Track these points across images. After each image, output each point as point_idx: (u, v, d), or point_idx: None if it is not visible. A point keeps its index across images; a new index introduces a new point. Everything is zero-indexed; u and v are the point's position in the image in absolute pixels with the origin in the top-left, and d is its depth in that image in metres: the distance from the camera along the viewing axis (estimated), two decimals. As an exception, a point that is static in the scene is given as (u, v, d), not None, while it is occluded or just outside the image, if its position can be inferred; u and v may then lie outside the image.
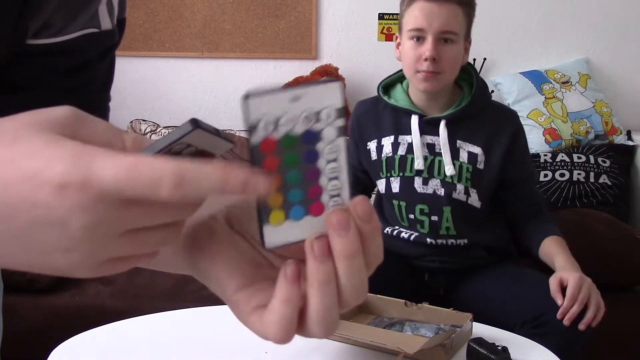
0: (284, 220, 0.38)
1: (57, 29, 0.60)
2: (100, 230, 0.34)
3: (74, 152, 0.33)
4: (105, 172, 0.32)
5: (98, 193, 0.33)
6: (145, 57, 2.89)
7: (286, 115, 0.36)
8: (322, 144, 0.37)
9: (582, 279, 1.54)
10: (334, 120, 0.37)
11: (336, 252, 0.37)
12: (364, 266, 0.38)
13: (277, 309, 0.38)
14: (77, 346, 1.31)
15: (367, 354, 1.28)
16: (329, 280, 0.37)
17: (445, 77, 1.70)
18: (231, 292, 0.41)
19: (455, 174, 1.73)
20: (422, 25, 1.66)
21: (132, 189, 0.33)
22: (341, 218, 0.37)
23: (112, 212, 0.33)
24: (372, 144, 1.83)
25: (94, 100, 0.68)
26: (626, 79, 2.90)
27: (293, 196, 0.38)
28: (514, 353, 1.22)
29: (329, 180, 0.38)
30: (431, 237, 1.77)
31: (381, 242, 0.39)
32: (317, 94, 0.36)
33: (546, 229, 1.75)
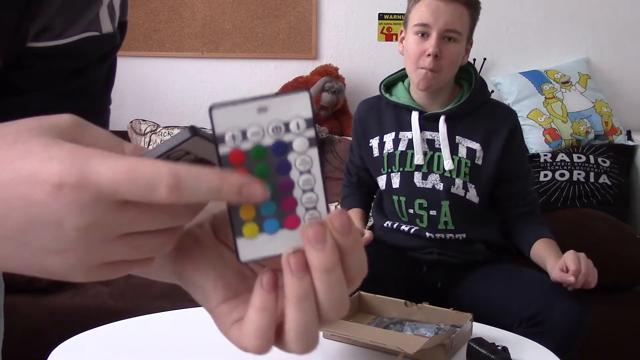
0: (258, 233, 0.37)
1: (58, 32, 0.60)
2: (95, 231, 0.33)
3: (71, 152, 0.33)
4: (102, 172, 0.32)
5: (94, 193, 0.32)
6: (145, 57, 2.89)
7: (253, 126, 0.36)
8: (293, 155, 0.37)
9: (575, 253, 1.56)
10: (304, 130, 0.36)
11: (313, 267, 0.36)
12: (344, 281, 0.37)
13: (253, 317, 0.38)
14: (77, 346, 1.31)
15: (367, 354, 1.28)
16: (307, 295, 0.36)
17: (443, 75, 1.74)
18: (214, 304, 0.40)
19: (454, 168, 1.76)
20: (428, 21, 1.70)
21: (128, 190, 0.33)
22: (317, 231, 0.36)
23: (108, 213, 0.33)
24: (374, 141, 1.87)
25: (94, 103, 0.68)
26: (626, 79, 2.90)
27: (266, 209, 0.37)
28: (513, 353, 1.22)
29: (303, 192, 0.37)
30: (430, 232, 1.79)
31: (363, 255, 0.38)
32: (285, 105, 0.36)
33: (538, 231, 1.77)
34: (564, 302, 1.55)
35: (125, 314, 1.49)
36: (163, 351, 1.30)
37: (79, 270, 0.35)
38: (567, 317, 1.52)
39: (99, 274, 0.36)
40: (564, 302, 1.55)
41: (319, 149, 0.37)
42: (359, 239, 0.37)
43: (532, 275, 1.70)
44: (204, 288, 0.41)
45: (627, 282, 2.14)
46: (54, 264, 0.35)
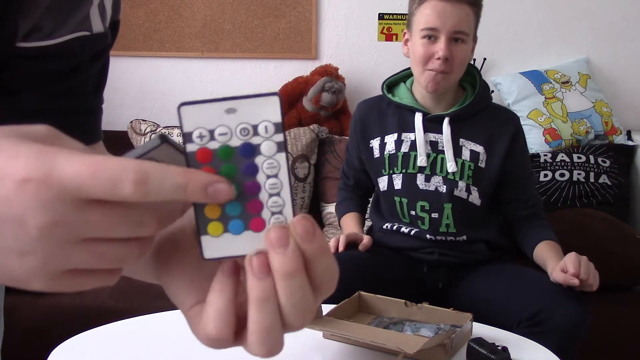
0: (223, 233, 0.38)
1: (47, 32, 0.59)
2: (58, 231, 0.33)
3: (39, 150, 0.33)
4: (67, 168, 0.32)
5: (58, 190, 0.32)
6: (145, 57, 2.89)
7: (222, 126, 0.36)
8: (260, 158, 0.37)
9: (576, 256, 1.56)
10: (272, 134, 0.37)
11: (274, 270, 0.36)
12: (307, 287, 0.37)
13: (211, 299, 0.38)
14: (77, 346, 1.31)
15: (367, 354, 1.28)
16: (267, 298, 0.36)
17: (452, 76, 1.74)
18: (187, 306, 0.41)
19: (457, 171, 1.75)
20: (436, 24, 1.69)
21: (93, 185, 0.32)
22: (279, 235, 0.36)
23: (72, 212, 0.33)
24: (375, 142, 1.85)
25: (86, 103, 0.67)
26: (626, 79, 2.90)
27: (231, 209, 0.37)
28: (514, 353, 1.22)
29: (269, 196, 0.37)
30: (431, 234, 1.78)
31: (331, 265, 0.38)
32: (254, 107, 0.36)
33: (541, 233, 1.77)
34: (565, 302, 1.55)
35: (125, 314, 1.49)
36: (163, 351, 1.30)
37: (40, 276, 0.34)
38: (568, 317, 1.52)
39: (61, 282, 0.35)
40: (565, 302, 1.55)
41: (287, 153, 0.37)
42: (325, 247, 0.37)
43: (532, 275, 1.70)
44: (178, 292, 0.41)
45: (627, 282, 2.14)
46: (16, 268, 0.34)
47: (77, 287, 0.36)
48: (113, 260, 0.35)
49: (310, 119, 2.73)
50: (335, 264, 0.38)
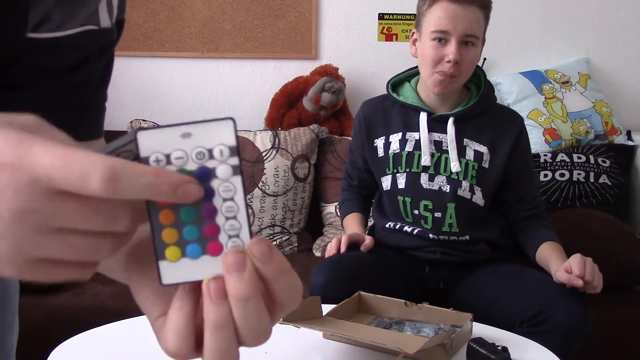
0: (181, 257, 0.38)
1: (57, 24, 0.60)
2: (30, 218, 0.33)
3: (17, 136, 0.33)
4: (40, 157, 0.32)
5: (30, 177, 0.32)
6: (145, 57, 2.89)
7: (177, 151, 0.37)
8: (216, 181, 0.37)
9: (582, 257, 1.56)
10: (227, 158, 0.37)
11: (230, 295, 0.36)
12: (263, 310, 0.37)
13: (171, 316, 0.39)
14: (77, 346, 1.31)
15: (367, 354, 1.28)
16: (224, 323, 0.37)
17: (460, 79, 1.75)
18: (153, 318, 0.41)
19: (461, 170, 1.75)
20: (447, 27, 1.68)
21: (63, 177, 0.32)
22: (235, 259, 0.36)
23: (44, 200, 0.33)
24: (380, 141, 1.85)
25: (89, 99, 0.68)
26: (626, 79, 2.90)
27: (188, 233, 0.38)
28: (514, 353, 1.22)
29: (226, 219, 0.38)
30: (433, 233, 1.78)
31: (291, 284, 0.38)
32: (209, 131, 0.37)
33: (544, 234, 1.77)
34: (566, 302, 1.54)
35: (125, 314, 1.48)
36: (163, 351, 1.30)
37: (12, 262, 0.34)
38: (569, 317, 1.52)
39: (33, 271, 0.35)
40: (566, 302, 1.54)
41: (243, 177, 0.38)
42: (284, 267, 0.37)
43: (534, 275, 1.70)
44: (146, 302, 0.41)
45: (627, 282, 2.14)
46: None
47: (49, 277, 0.36)
48: (86, 253, 0.35)
49: (310, 119, 2.73)
50: (297, 282, 0.38)
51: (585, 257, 1.57)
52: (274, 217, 2.52)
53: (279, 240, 2.51)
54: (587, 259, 1.56)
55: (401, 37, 2.87)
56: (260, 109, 2.89)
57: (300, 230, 2.57)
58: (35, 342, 1.35)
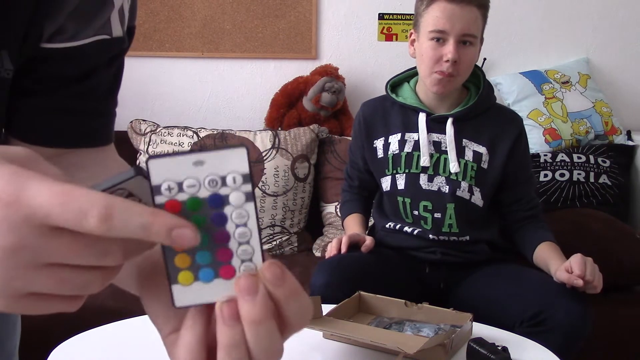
0: (194, 281, 0.38)
1: (71, 35, 0.61)
2: (22, 254, 0.33)
3: (12, 172, 0.33)
4: (37, 193, 0.32)
5: (26, 213, 0.32)
6: (145, 57, 2.89)
7: (190, 178, 0.37)
8: (229, 208, 0.38)
9: (582, 257, 1.56)
10: (240, 185, 0.37)
11: (243, 317, 0.37)
12: (276, 332, 0.38)
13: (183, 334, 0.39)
14: (77, 346, 1.31)
15: (367, 354, 1.28)
16: (237, 344, 0.37)
17: (459, 79, 1.75)
18: (165, 334, 0.42)
19: (460, 171, 1.75)
20: (445, 27, 1.68)
21: (60, 214, 0.32)
22: (248, 283, 0.37)
23: (37, 237, 0.33)
24: (379, 142, 1.85)
25: (99, 106, 0.68)
26: (626, 79, 2.90)
27: (201, 258, 0.38)
28: (513, 353, 1.22)
29: (239, 244, 0.38)
30: (433, 234, 1.78)
31: (302, 305, 0.38)
32: (221, 159, 0.37)
33: (541, 235, 1.77)
34: (566, 302, 1.55)
35: (125, 314, 1.48)
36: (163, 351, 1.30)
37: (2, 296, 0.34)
38: (569, 317, 1.52)
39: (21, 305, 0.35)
40: (566, 302, 1.55)
41: (255, 203, 0.38)
42: (296, 289, 0.38)
43: (534, 275, 1.70)
44: (156, 318, 0.42)
45: (627, 282, 2.14)
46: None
47: (37, 310, 0.36)
48: (75, 287, 0.35)
49: (310, 119, 2.73)
50: (308, 303, 0.39)
51: (585, 257, 1.57)
52: (274, 217, 2.52)
53: (279, 240, 2.51)
54: (588, 259, 1.56)
55: (401, 37, 2.87)
56: (260, 109, 2.89)
57: (300, 230, 2.57)
58: (35, 342, 1.35)
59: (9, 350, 0.78)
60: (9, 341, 0.78)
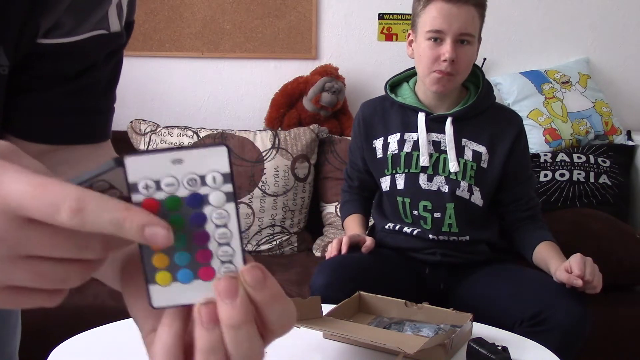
0: (172, 282, 0.37)
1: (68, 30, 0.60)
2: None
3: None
4: (11, 185, 0.32)
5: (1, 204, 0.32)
6: (145, 57, 2.89)
7: (168, 177, 0.36)
8: (209, 208, 0.37)
9: (582, 257, 1.56)
10: (220, 185, 0.36)
11: (222, 321, 0.36)
12: (255, 336, 0.37)
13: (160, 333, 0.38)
14: (77, 346, 1.31)
15: (367, 354, 1.28)
16: (215, 349, 0.36)
17: (458, 78, 1.75)
18: (145, 333, 0.41)
19: (459, 171, 1.75)
20: (442, 27, 1.69)
21: (33, 207, 0.32)
22: (228, 286, 0.36)
23: (13, 228, 0.33)
24: (378, 142, 1.85)
25: (97, 102, 0.68)
26: (626, 79, 2.90)
27: (179, 259, 0.37)
28: (513, 353, 1.22)
29: (219, 245, 0.37)
30: (433, 234, 1.78)
31: (284, 310, 0.37)
32: (201, 158, 0.36)
33: (540, 234, 1.77)
34: (566, 302, 1.55)
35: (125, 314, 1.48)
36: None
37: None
38: (569, 317, 1.52)
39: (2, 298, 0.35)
40: (566, 302, 1.55)
41: (237, 203, 0.37)
42: (278, 293, 0.37)
43: (534, 275, 1.70)
44: (138, 316, 0.41)
45: (627, 282, 2.14)
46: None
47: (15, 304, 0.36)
48: (53, 281, 0.35)
49: (310, 119, 2.73)
50: (291, 308, 0.38)
51: (585, 257, 1.57)
52: (274, 217, 2.51)
53: (279, 240, 2.51)
54: (587, 258, 1.56)
55: (401, 37, 2.86)
56: (260, 109, 2.88)
57: (300, 230, 2.57)
58: (35, 342, 1.35)
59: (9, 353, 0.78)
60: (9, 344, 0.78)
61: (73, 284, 0.36)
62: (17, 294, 0.35)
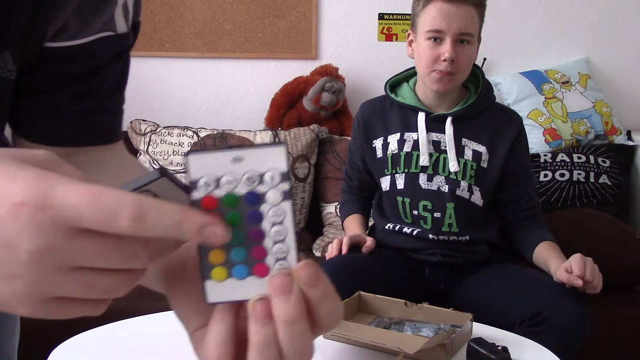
0: (227, 278, 0.38)
1: (74, 32, 0.60)
2: (48, 257, 0.33)
3: (38, 174, 0.33)
4: (66, 195, 0.32)
5: (54, 216, 0.32)
6: (145, 57, 2.89)
7: (228, 175, 0.37)
8: (266, 206, 0.37)
9: (582, 257, 1.56)
10: (278, 183, 0.37)
11: (276, 316, 0.37)
12: (308, 332, 0.37)
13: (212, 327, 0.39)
14: (77, 346, 1.31)
15: (367, 354, 1.28)
16: (268, 343, 0.37)
17: (459, 77, 1.75)
18: (191, 330, 0.41)
19: (459, 170, 1.75)
20: (441, 26, 1.69)
21: (91, 215, 0.32)
22: (283, 282, 0.36)
23: (64, 239, 0.33)
24: (378, 142, 1.85)
25: (105, 103, 0.68)
26: (626, 79, 2.90)
27: (235, 255, 0.38)
28: (513, 353, 1.22)
29: (274, 243, 0.38)
30: (433, 234, 1.78)
31: (335, 306, 0.38)
32: (260, 157, 0.37)
33: (540, 234, 1.77)
34: (566, 302, 1.55)
35: (125, 314, 1.48)
36: (163, 351, 1.30)
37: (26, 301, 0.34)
38: (569, 317, 1.52)
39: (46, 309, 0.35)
40: (566, 302, 1.55)
41: (292, 202, 0.38)
42: (329, 290, 0.38)
43: (534, 275, 1.70)
44: (182, 314, 0.42)
45: (627, 282, 2.14)
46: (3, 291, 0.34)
47: (62, 314, 0.36)
48: (101, 291, 0.35)
49: (310, 119, 2.73)
50: (340, 305, 0.39)
51: (585, 257, 1.57)
52: (274, 217, 2.51)
53: (279, 240, 2.51)
54: (588, 258, 1.56)
55: (401, 37, 2.86)
56: (260, 109, 2.88)
57: (300, 230, 2.57)
58: (35, 342, 1.35)
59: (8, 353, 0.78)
60: (8, 344, 0.78)
61: (119, 294, 0.36)
62: (64, 304, 0.35)
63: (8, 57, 0.56)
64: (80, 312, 0.36)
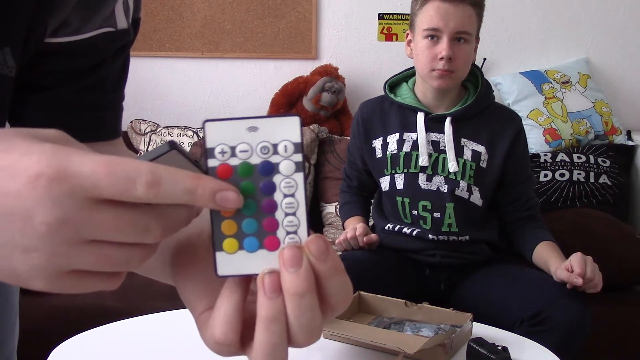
0: (238, 250, 0.38)
1: (75, 28, 0.60)
2: (65, 229, 0.33)
3: (53, 148, 0.33)
4: (82, 165, 0.33)
5: (71, 186, 0.32)
6: (145, 57, 2.89)
7: (243, 144, 0.37)
8: (279, 176, 0.38)
9: (582, 256, 1.57)
10: (291, 154, 0.37)
11: (285, 290, 0.37)
12: (317, 307, 0.37)
13: (219, 303, 0.39)
14: (77, 346, 1.31)
15: (367, 354, 1.28)
16: (277, 317, 0.37)
17: (458, 75, 1.75)
18: (198, 312, 0.41)
19: (458, 170, 1.75)
20: (438, 25, 1.70)
21: (108, 184, 0.33)
22: (293, 254, 0.36)
23: (80, 210, 0.33)
24: (378, 142, 1.85)
25: (106, 99, 0.68)
26: (626, 79, 2.90)
27: (247, 226, 0.38)
28: (513, 353, 1.22)
29: (285, 215, 0.38)
30: (433, 234, 1.78)
31: (344, 283, 0.38)
32: (275, 127, 0.37)
33: (540, 234, 1.77)
34: (566, 301, 1.55)
35: (125, 314, 1.49)
36: (163, 351, 1.30)
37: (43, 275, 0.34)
38: (569, 316, 1.52)
39: (63, 282, 0.35)
40: (566, 301, 1.55)
41: (305, 174, 0.38)
42: (339, 266, 0.38)
43: (533, 274, 1.70)
44: (192, 296, 0.42)
45: (627, 282, 2.14)
46: (20, 265, 0.34)
47: (78, 288, 0.36)
48: (116, 264, 0.36)
49: (310, 119, 2.73)
50: (349, 282, 0.38)
51: (585, 256, 1.57)
52: (274, 217, 2.51)
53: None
54: (588, 257, 1.56)
55: (401, 37, 2.86)
56: (260, 109, 2.88)
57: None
58: (35, 342, 1.35)
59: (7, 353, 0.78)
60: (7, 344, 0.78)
61: (134, 267, 0.36)
62: (80, 277, 0.36)
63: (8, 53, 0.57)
64: (96, 286, 0.37)
